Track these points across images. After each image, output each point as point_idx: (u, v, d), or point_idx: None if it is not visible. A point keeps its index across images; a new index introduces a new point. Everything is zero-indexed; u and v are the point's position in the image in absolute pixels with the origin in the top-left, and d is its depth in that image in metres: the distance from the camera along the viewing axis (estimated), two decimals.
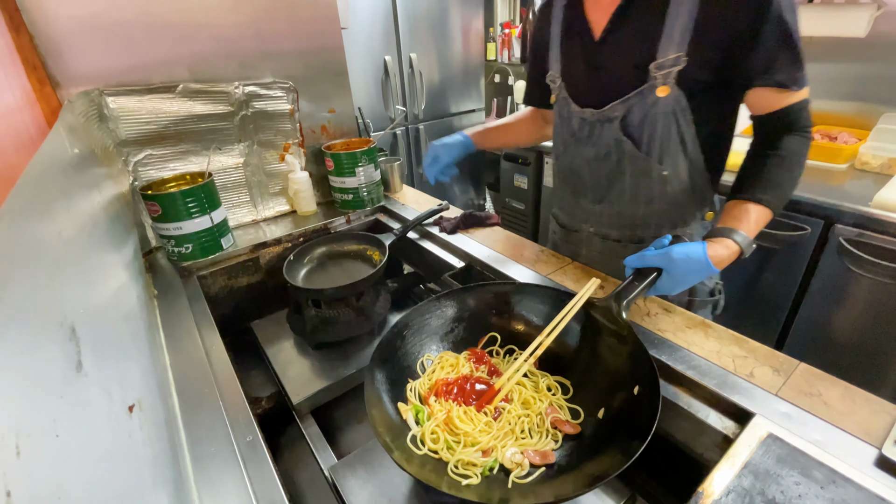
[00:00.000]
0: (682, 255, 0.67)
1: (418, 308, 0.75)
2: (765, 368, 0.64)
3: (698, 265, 0.67)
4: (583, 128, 0.89)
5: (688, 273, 0.68)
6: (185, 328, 0.80)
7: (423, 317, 0.76)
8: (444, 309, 0.77)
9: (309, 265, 1.05)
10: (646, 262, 0.70)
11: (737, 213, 0.74)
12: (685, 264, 0.67)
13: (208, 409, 0.62)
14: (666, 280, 0.69)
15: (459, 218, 1.09)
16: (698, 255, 0.67)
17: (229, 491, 0.51)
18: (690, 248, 0.68)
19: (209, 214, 1.01)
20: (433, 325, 0.76)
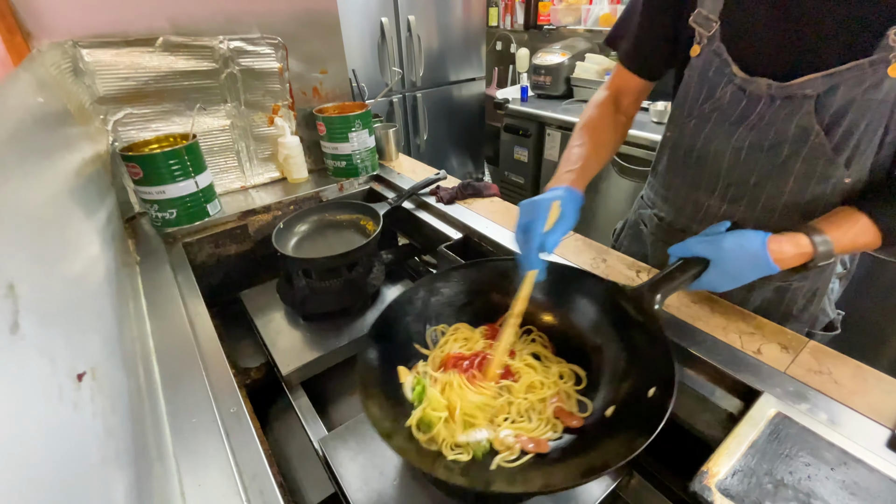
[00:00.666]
0: (734, 246, 0.58)
1: (431, 277, 0.71)
2: (772, 345, 0.61)
3: (753, 259, 0.57)
4: (738, 103, 0.66)
5: (740, 267, 0.58)
6: (168, 296, 0.76)
7: (434, 286, 0.71)
8: (455, 282, 0.72)
9: (300, 234, 1.01)
10: (691, 250, 0.61)
11: (838, 217, 0.60)
12: (737, 256, 0.58)
13: (190, 379, 0.59)
14: (713, 273, 0.59)
15: (457, 188, 1.04)
16: (754, 248, 0.57)
17: (210, 463, 0.48)
18: (747, 238, 0.58)
19: (194, 178, 0.96)
20: (446, 294, 0.72)
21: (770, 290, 0.76)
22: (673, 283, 0.60)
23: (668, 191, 0.83)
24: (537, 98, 2.32)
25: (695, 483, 0.44)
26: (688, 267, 0.61)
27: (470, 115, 2.62)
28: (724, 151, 0.71)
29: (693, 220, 0.80)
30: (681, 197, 0.80)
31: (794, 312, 0.77)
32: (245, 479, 0.48)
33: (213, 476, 0.47)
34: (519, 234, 0.62)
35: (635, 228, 0.95)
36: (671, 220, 0.84)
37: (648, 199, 0.91)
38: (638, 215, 0.94)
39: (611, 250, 0.83)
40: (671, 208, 0.83)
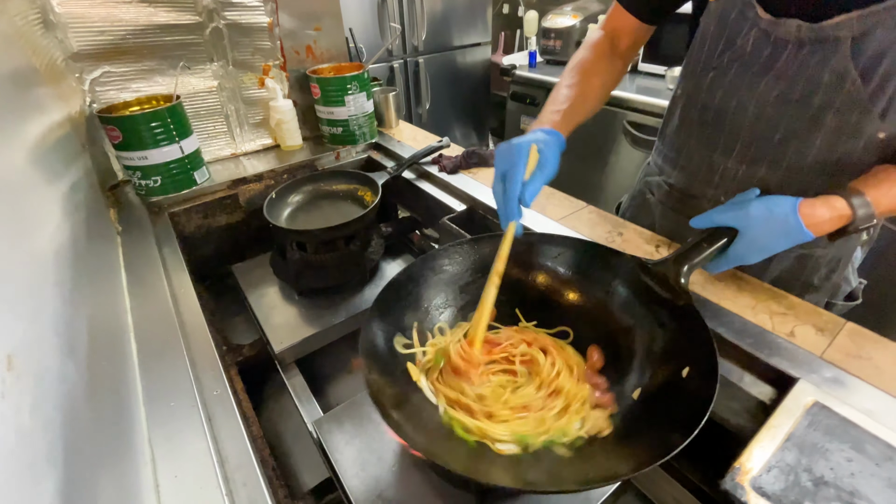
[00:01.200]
0: (762, 212, 0.53)
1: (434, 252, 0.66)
2: (807, 327, 0.56)
3: (783, 226, 0.52)
4: (762, 50, 0.60)
5: (770, 236, 0.53)
6: (151, 269, 0.71)
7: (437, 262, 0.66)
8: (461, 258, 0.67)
9: (293, 205, 0.95)
10: (715, 220, 0.56)
11: (876, 177, 0.55)
12: (767, 224, 0.53)
13: (171, 359, 0.55)
14: (742, 244, 0.54)
15: (461, 156, 0.97)
16: (784, 214, 0.52)
17: (189, 452, 0.44)
18: (776, 203, 0.53)
19: (178, 143, 0.89)
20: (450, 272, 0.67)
21: (791, 259, 0.70)
22: (700, 256, 0.55)
23: (678, 154, 0.77)
24: (546, 64, 2.20)
25: (727, 480, 0.40)
26: (714, 238, 0.56)
27: (474, 83, 2.51)
28: (745, 106, 0.64)
29: (708, 185, 0.73)
30: (694, 160, 0.74)
31: (816, 282, 0.71)
32: (227, 469, 0.44)
33: (192, 466, 0.43)
34: (497, 183, 0.57)
35: (641, 198, 0.88)
36: (683, 186, 0.77)
37: (656, 165, 0.84)
38: (644, 184, 0.87)
39: (627, 223, 0.77)
40: (682, 173, 0.77)
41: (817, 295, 0.72)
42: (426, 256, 0.66)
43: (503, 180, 0.56)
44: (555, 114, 0.65)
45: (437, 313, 0.65)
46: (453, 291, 0.67)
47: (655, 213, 0.83)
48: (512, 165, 0.55)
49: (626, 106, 1.66)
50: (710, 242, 0.56)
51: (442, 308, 0.66)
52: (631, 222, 0.78)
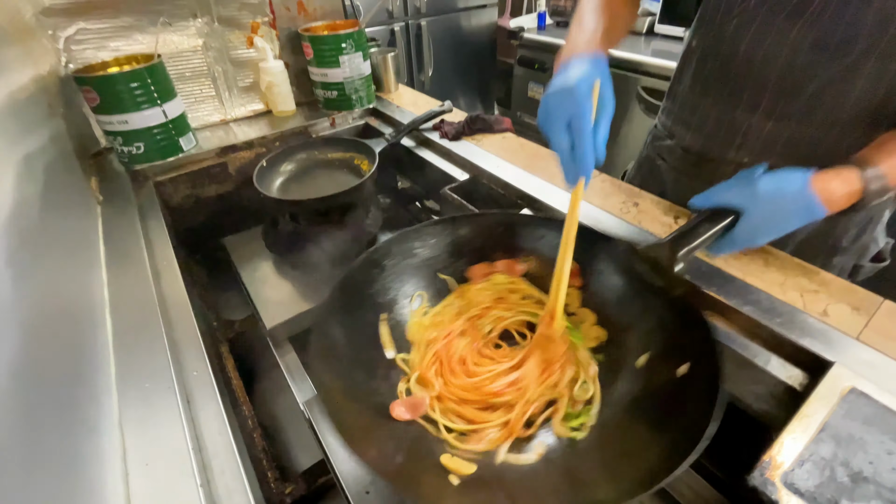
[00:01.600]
0: (770, 190, 0.47)
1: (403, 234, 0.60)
2: (841, 306, 0.51)
3: (794, 204, 0.47)
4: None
5: (779, 215, 0.48)
6: (132, 241, 0.67)
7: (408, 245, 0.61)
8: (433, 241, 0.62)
9: (285, 174, 0.89)
10: (717, 199, 0.50)
11: (888, 146, 0.51)
12: (775, 203, 0.47)
13: (148, 337, 0.51)
14: (747, 225, 0.48)
15: (464, 122, 0.91)
16: (796, 190, 0.47)
17: (163, 437, 0.41)
18: (786, 180, 0.48)
19: (161, 106, 0.83)
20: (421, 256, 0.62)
21: (819, 221, 0.65)
22: (699, 239, 0.49)
23: (692, 114, 0.70)
24: (556, 26, 2.08)
25: (755, 476, 0.35)
26: (715, 219, 0.50)
27: (480, 48, 2.39)
28: (775, 55, 0.58)
29: (729, 146, 0.66)
30: (711, 119, 0.67)
31: (844, 244, 0.66)
32: (205, 456, 0.41)
33: (165, 452, 0.40)
34: (558, 135, 0.48)
35: (650, 165, 0.82)
36: (700, 149, 0.70)
37: (665, 128, 0.77)
38: (653, 149, 0.80)
39: (644, 193, 0.71)
40: (698, 135, 0.70)
41: (845, 257, 0.66)
42: (393, 238, 0.60)
43: (569, 130, 0.47)
44: (593, 35, 0.55)
45: (406, 303, 0.60)
46: (426, 278, 0.62)
47: (667, 181, 0.76)
48: (578, 111, 0.46)
49: (641, 70, 1.56)
50: (710, 224, 0.50)
51: (413, 297, 0.61)
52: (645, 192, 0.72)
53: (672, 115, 0.74)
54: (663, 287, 0.50)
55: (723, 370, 0.40)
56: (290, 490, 0.56)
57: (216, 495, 0.38)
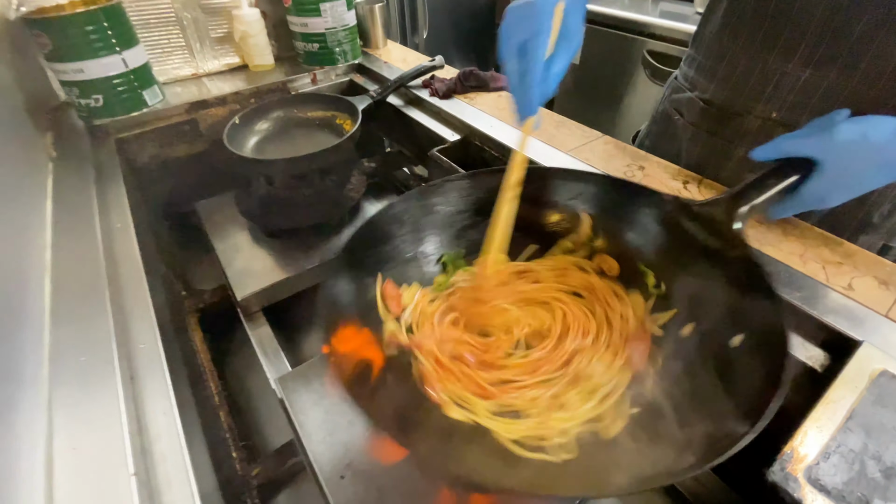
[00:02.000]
0: (854, 137, 0.40)
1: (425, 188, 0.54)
2: (867, 280, 0.46)
3: (882, 155, 0.39)
4: None
5: (862, 170, 0.40)
6: (84, 201, 0.60)
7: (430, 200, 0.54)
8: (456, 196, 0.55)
9: (261, 133, 0.82)
10: (787, 148, 0.43)
11: None
12: (859, 154, 0.40)
13: (91, 305, 0.45)
14: (822, 180, 0.41)
15: (456, 78, 0.83)
16: (886, 139, 0.39)
17: (96, 418, 0.35)
18: (874, 125, 0.40)
19: (121, 54, 0.75)
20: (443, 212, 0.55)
21: None
22: (764, 195, 0.42)
23: (719, 61, 0.62)
24: None
25: (775, 470, 0.31)
26: (783, 172, 0.43)
27: (478, 9, 2.26)
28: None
29: (757, 98, 0.59)
30: (740, 67, 0.60)
31: (875, 220, 0.60)
32: (145, 439, 0.36)
33: (98, 436, 0.34)
34: (510, 60, 0.42)
35: (665, 122, 0.74)
36: (723, 101, 0.63)
37: (686, 79, 0.69)
38: (670, 103, 0.73)
39: (649, 156, 0.65)
40: (724, 86, 0.62)
41: (873, 236, 0.60)
42: (412, 193, 0.54)
43: (520, 55, 0.41)
44: None
45: (426, 262, 0.55)
46: (448, 237, 0.56)
47: (683, 140, 0.69)
48: (533, 34, 0.39)
49: (647, 33, 1.46)
50: (777, 178, 0.42)
51: (433, 257, 0.55)
52: (650, 152, 0.65)
53: (695, 63, 0.67)
54: (719, 248, 0.43)
55: (789, 341, 0.34)
56: (257, 472, 0.51)
57: (153, 485, 0.33)
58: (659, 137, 0.75)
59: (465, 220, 0.56)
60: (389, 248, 0.52)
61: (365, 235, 0.49)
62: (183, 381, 0.50)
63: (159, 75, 0.87)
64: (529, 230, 0.54)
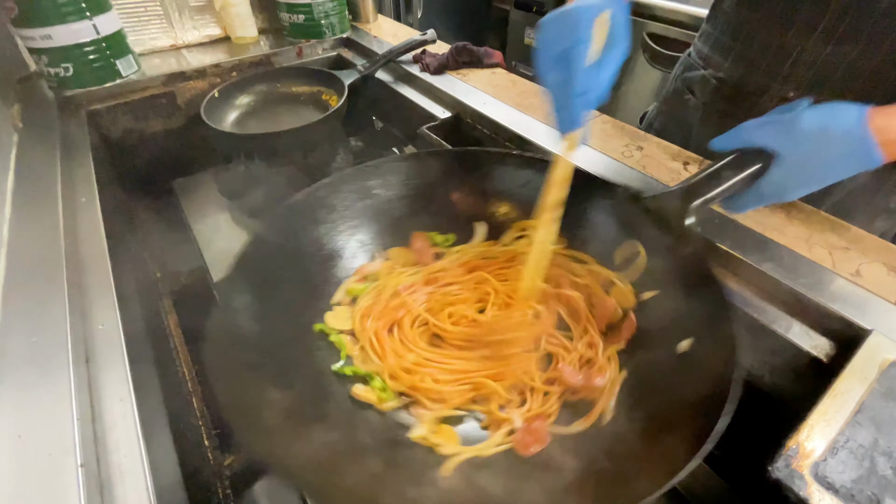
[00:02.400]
0: (816, 126, 0.37)
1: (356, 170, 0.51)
2: (876, 266, 0.43)
3: (845, 146, 0.37)
4: None
5: (823, 161, 0.38)
6: (48, 174, 0.56)
7: (365, 183, 0.51)
8: (394, 179, 0.52)
9: (242, 108, 0.78)
10: (745, 138, 0.40)
11: None
12: (821, 144, 0.37)
13: (47, 282, 0.42)
14: (781, 172, 0.38)
15: (448, 53, 0.79)
16: (848, 127, 0.37)
17: (44, 404, 0.32)
18: (836, 114, 0.37)
19: (91, 20, 0.70)
20: (380, 197, 0.52)
21: (867, 175, 0.55)
22: (718, 188, 0.39)
23: (735, 37, 0.59)
24: None
25: (779, 466, 0.28)
26: (741, 164, 0.40)
27: None
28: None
29: (774, 76, 0.56)
30: (757, 42, 0.56)
31: (892, 205, 0.57)
32: (98, 427, 0.33)
33: (46, 422, 0.31)
34: (548, 71, 0.39)
35: (676, 101, 0.71)
36: (738, 79, 0.60)
37: (700, 56, 0.66)
38: (682, 82, 0.69)
39: (649, 136, 0.62)
40: (739, 63, 0.59)
41: (888, 222, 0.58)
42: (345, 174, 0.51)
43: (560, 65, 0.38)
44: None
45: (352, 255, 0.51)
46: (383, 225, 0.53)
47: (693, 121, 0.66)
48: (573, 43, 0.37)
49: (647, 14, 1.42)
50: (734, 170, 0.40)
51: (365, 248, 0.52)
52: (657, 136, 0.62)
53: (711, 39, 0.64)
54: (670, 245, 0.41)
55: (739, 350, 0.32)
56: (230, 461, 0.49)
57: (104, 476, 0.30)
58: (668, 118, 0.72)
59: (403, 209, 0.52)
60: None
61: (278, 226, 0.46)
62: (148, 365, 0.47)
63: (135, 45, 0.82)
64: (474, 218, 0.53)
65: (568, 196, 0.45)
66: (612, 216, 0.48)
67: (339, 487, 0.32)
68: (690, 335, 0.38)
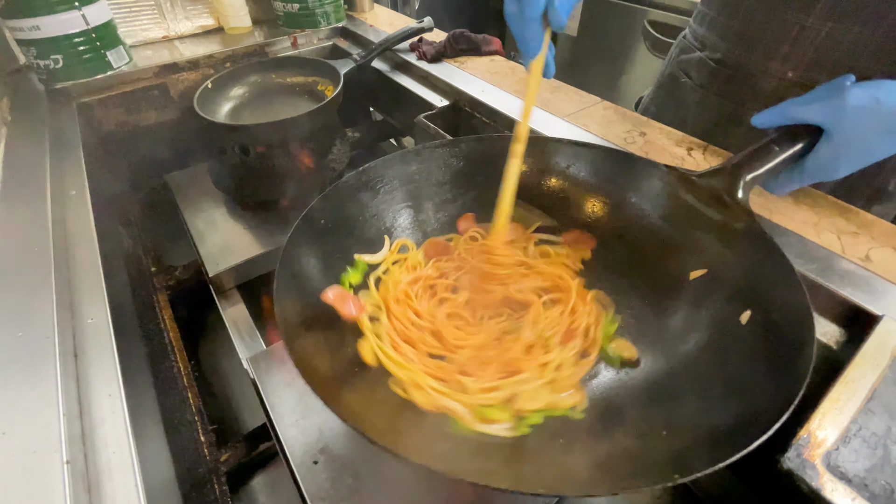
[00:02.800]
0: (866, 102, 0.37)
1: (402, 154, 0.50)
2: (886, 250, 0.42)
3: (892, 121, 0.37)
4: None
5: (873, 137, 0.37)
6: (36, 167, 0.55)
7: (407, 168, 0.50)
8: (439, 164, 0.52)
9: (236, 99, 0.77)
10: (793, 113, 0.39)
11: None
12: (871, 120, 0.37)
13: (33, 276, 0.40)
14: (829, 148, 0.38)
15: (445, 41, 0.78)
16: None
17: (30, 399, 0.31)
18: (886, 90, 0.37)
19: (80, 10, 0.69)
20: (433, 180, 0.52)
21: None
22: (768, 164, 0.39)
23: (732, 17, 0.58)
24: None
25: (790, 456, 0.27)
26: (788, 139, 0.40)
27: None
28: None
29: (773, 56, 0.55)
30: (756, 21, 0.55)
31: (891, 188, 0.56)
32: (86, 424, 0.32)
33: (31, 418, 0.31)
34: (510, 2, 0.39)
35: (672, 85, 0.69)
36: (736, 60, 0.58)
37: (696, 37, 0.65)
38: (678, 65, 0.68)
39: (651, 122, 0.60)
40: (738, 43, 0.58)
41: (888, 205, 0.57)
42: (389, 159, 0.50)
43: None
44: None
45: (400, 234, 0.51)
46: (427, 208, 0.52)
47: (690, 104, 0.65)
48: None
49: (647, 2, 1.40)
50: (782, 145, 0.39)
51: (409, 230, 0.51)
52: (654, 118, 0.61)
53: (707, 19, 0.62)
54: (723, 219, 0.40)
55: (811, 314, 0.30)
56: (227, 457, 0.48)
57: (91, 473, 0.29)
58: (664, 102, 0.70)
59: (446, 193, 0.52)
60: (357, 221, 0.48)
61: (329, 204, 0.45)
62: (141, 360, 0.46)
63: (127, 37, 0.81)
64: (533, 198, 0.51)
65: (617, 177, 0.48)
66: (652, 195, 0.46)
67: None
68: (750, 307, 0.35)
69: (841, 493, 0.26)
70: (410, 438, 0.34)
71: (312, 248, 0.42)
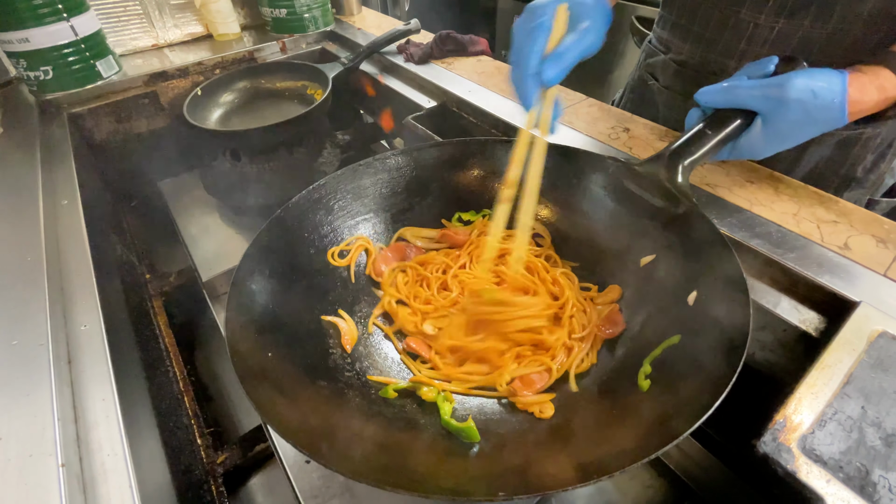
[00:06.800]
0: (803, 90, 0.39)
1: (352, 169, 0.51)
2: (864, 238, 0.43)
3: (823, 110, 0.39)
4: None
5: (801, 122, 0.40)
6: (27, 177, 0.56)
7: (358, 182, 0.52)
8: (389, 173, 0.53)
9: (225, 105, 0.78)
10: (733, 98, 0.42)
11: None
12: (804, 108, 0.39)
13: (28, 285, 0.41)
14: (761, 132, 0.41)
15: (432, 42, 0.79)
16: (831, 95, 0.39)
17: (24, 406, 0.32)
18: (820, 80, 0.39)
19: (69, 21, 0.69)
20: (376, 193, 0.53)
21: (831, 147, 0.57)
22: (703, 148, 0.41)
23: (691, 20, 0.60)
24: None
25: (766, 440, 0.28)
26: (721, 123, 0.42)
27: None
28: None
29: (731, 54, 0.57)
30: (713, 22, 0.58)
31: (859, 174, 0.58)
32: (80, 428, 0.32)
33: (27, 423, 0.31)
34: (513, 57, 0.42)
35: (641, 88, 0.72)
36: (698, 61, 0.61)
37: (660, 41, 0.67)
38: (645, 68, 0.70)
39: (636, 117, 0.61)
40: (697, 45, 0.60)
41: (858, 191, 0.59)
42: (339, 174, 0.51)
43: (519, 48, 0.41)
44: None
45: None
46: (381, 220, 0.53)
47: (659, 105, 0.67)
48: (528, 33, 0.40)
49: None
50: (715, 129, 0.42)
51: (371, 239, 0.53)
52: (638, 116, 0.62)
53: (668, 23, 0.64)
54: (665, 206, 0.42)
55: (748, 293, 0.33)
56: (223, 459, 0.48)
57: (87, 477, 0.30)
58: (635, 104, 0.72)
59: (401, 202, 0.53)
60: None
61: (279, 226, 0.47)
62: (137, 365, 0.47)
63: (116, 46, 0.81)
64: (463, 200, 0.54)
65: (565, 170, 0.48)
66: (599, 187, 0.48)
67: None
68: (696, 288, 0.38)
69: (816, 475, 0.27)
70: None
71: (265, 274, 0.43)
